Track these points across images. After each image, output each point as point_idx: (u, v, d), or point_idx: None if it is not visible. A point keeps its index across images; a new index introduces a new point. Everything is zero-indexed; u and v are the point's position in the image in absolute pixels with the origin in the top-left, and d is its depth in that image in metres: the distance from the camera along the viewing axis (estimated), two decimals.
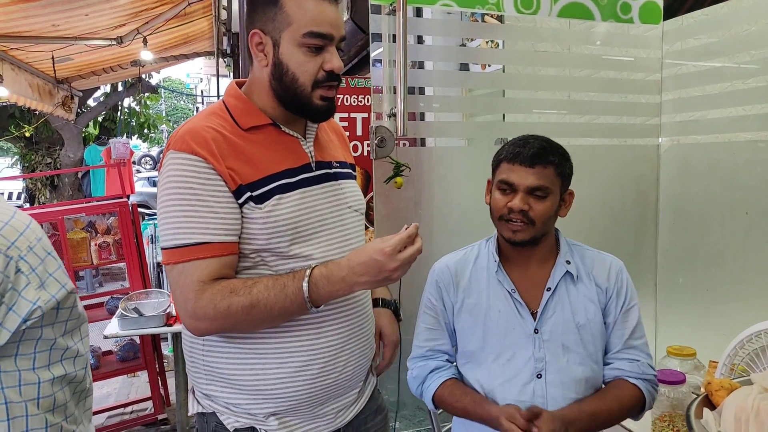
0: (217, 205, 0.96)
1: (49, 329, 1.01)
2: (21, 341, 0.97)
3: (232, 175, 0.97)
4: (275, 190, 1.00)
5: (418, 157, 1.94)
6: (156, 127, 10.09)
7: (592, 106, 2.11)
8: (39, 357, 0.99)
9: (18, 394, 0.96)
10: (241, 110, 1.04)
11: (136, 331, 2.52)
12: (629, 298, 1.26)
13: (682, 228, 2.00)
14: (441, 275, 1.31)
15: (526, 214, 1.17)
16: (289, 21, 0.98)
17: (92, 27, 4.29)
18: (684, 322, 1.99)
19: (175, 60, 6.38)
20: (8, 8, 3.43)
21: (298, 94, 1.01)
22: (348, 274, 0.95)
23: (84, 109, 8.00)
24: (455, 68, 2.51)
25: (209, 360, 1.05)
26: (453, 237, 2.01)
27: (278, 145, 1.05)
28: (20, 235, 0.96)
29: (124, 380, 3.78)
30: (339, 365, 1.06)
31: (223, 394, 1.06)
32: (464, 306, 1.27)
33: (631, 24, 2.05)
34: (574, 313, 1.21)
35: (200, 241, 0.95)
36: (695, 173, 1.97)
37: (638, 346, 1.25)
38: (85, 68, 5.49)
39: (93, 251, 3.11)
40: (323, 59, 1.00)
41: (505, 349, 1.21)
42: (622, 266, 1.28)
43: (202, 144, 0.97)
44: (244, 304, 0.94)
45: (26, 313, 0.95)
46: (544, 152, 1.18)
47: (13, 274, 0.94)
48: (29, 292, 0.95)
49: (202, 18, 5.03)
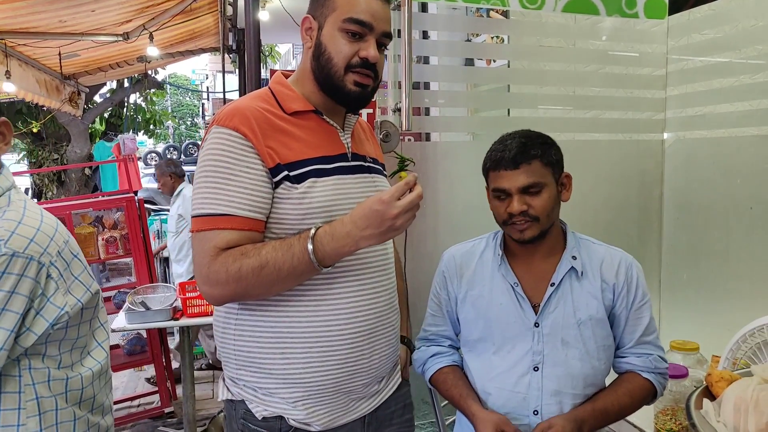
0: (248, 181, 0.99)
1: (74, 330, 1.03)
2: (48, 342, 0.99)
3: (271, 154, 1.01)
4: (311, 173, 1.03)
5: (423, 152, 1.95)
6: (162, 123, 10.11)
7: (597, 101, 2.11)
8: (63, 357, 1.02)
9: (48, 389, 0.99)
10: (286, 96, 1.09)
11: (143, 325, 2.55)
12: (641, 294, 1.24)
13: (687, 223, 2.00)
14: (447, 265, 1.34)
15: (526, 213, 1.17)
16: (335, 7, 1.05)
17: (99, 23, 4.30)
18: (687, 316, 1.99)
19: (180, 56, 6.39)
20: (15, 4, 3.44)
21: (332, 75, 1.05)
22: (352, 228, 0.96)
23: (90, 105, 8.03)
24: (460, 63, 2.51)
25: (240, 344, 1.07)
26: (457, 231, 2.02)
27: (318, 132, 1.08)
28: (51, 240, 0.97)
29: (132, 374, 3.82)
30: (366, 352, 1.08)
31: (252, 378, 1.08)
32: (467, 297, 1.28)
33: (637, 19, 2.05)
34: (575, 309, 1.21)
35: (223, 213, 0.97)
36: (700, 168, 1.97)
37: (651, 341, 1.25)
38: (91, 64, 5.51)
39: (100, 246, 3.14)
40: (360, 47, 1.05)
41: (505, 341, 1.22)
42: (633, 262, 1.26)
43: (244, 122, 1.00)
44: (254, 266, 0.96)
45: (54, 318, 0.97)
46: (525, 149, 1.18)
47: (44, 280, 0.95)
48: (57, 298, 0.97)
49: (208, 14, 5.03)
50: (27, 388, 0.96)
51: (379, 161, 1.23)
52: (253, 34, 4.04)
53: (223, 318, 1.11)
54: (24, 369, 0.96)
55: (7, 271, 0.90)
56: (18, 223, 0.94)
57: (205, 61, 19.50)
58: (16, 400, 0.95)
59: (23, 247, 0.92)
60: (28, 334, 0.95)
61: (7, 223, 0.93)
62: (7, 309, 0.90)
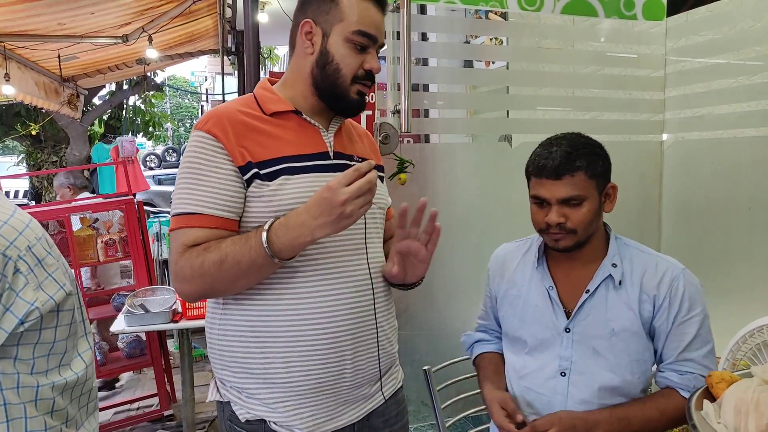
0: (217, 181, 1.01)
1: (49, 332, 0.99)
2: (20, 344, 0.95)
3: (243, 153, 1.02)
4: (283, 171, 1.03)
5: (422, 154, 1.95)
6: (161, 125, 10.11)
7: (596, 102, 2.11)
8: (38, 362, 0.98)
9: (17, 396, 0.95)
10: (267, 98, 1.10)
11: (142, 328, 2.54)
12: (687, 308, 1.16)
13: (686, 224, 2.00)
14: (493, 263, 1.37)
15: (563, 225, 1.15)
16: (342, 17, 1.05)
17: (98, 25, 4.30)
18: None
19: (180, 58, 6.40)
20: (14, 7, 3.45)
21: (338, 85, 1.07)
22: (306, 218, 0.96)
23: (89, 108, 8.03)
24: (459, 65, 2.51)
25: (224, 344, 1.08)
26: (457, 233, 2.02)
27: (297, 132, 1.09)
28: (19, 234, 0.94)
29: (131, 376, 3.81)
30: (348, 352, 1.06)
31: (234, 378, 1.08)
32: (506, 296, 1.30)
33: (635, 21, 2.05)
34: (609, 319, 1.17)
35: (192, 211, 1.01)
36: (698, 169, 1.97)
37: (695, 358, 1.16)
38: (90, 66, 5.52)
39: (99, 248, 3.13)
40: (364, 59, 1.06)
41: (538, 343, 1.23)
42: (681, 274, 1.17)
43: (217, 124, 1.03)
44: (214, 260, 0.97)
45: (23, 314, 0.93)
46: (569, 159, 1.14)
47: (12, 275, 0.92)
48: (27, 293, 0.93)
49: (207, 16, 5.04)
50: None
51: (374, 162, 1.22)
52: (252, 37, 4.05)
53: (210, 316, 1.12)
54: None
55: None
56: None
57: (205, 62, 19.52)
58: None
59: None
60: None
61: None
62: None
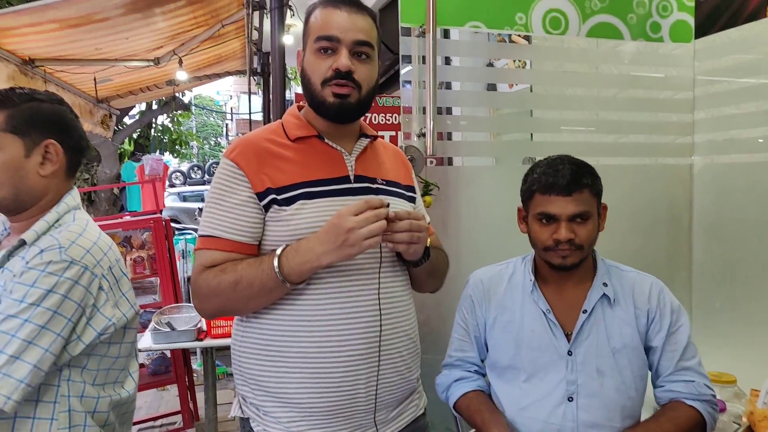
0: (234, 206, 1.06)
1: (115, 348, 1.08)
2: (91, 355, 1.03)
3: (263, 179, 1.06)
4: (301, 196, 1.05)
5: (447, 177, 1.96)
6: (187, 143, 10.36)
7: (621, 125, 2.10)
8: (100, 374, 1.06)
9: (80, 404, 1.02)
10: (293, 124, 1.14)
11: (168, 345, 2.58)
12: (675, 318, 1.20)
13: (717, 249, 1.96)
14: (474, 289, 1.32)
15: (572, 241, 1.16)
16: (309, 32, 1.11)
17: (132, 49, 4.46)
18: (722, 346, 1.93)
19: (207, 79, 6.57)
20: (56, 33, 3.61)
21: (313, 93, 1.10)
22: (315, 244, 0.98)
23: (120, 127, 8.28)
24: (483, 88, 2.52)
25: (243, 361, 1.10)
26: (481, 255, 2.01)
27: (319, 156, 1.11)
28: (104, 255, 1.06)
29: (155, 393, 3.85)
30: (362, 376, 1.06)
31: (252, 395, 1.10)
32: (497, 322, 1.26)
33: (661, 43, 2.04)
34: (609, 337, 1.18)
35: (210, 234, 1.06)
36: (730, 193, 1.93)
37: (692, 366, 1.20)
38: (123, 88, 5.70)
39: (128, 266, 3.20)
40: (332, 61, 1.07)
41: (537, 369, 1.20)
42: (663, 286, 1.24)
43: (242, 153, 1.08)
44: (230, 281, 1.01)
45: (102, 328, 1.02)
46: (578, 176, 1.17)
47: (96, 291, 1.02)
48: (107, 309, 1.03)
49: (235, 39, 5.18)
50: (62, 399, 0.99)
51: (401, 183, 1.21)
52: (278, 58, 4.14)
53: (234, 332, 1.15)
54: (63, 380, 0.99)
55: (64, 276, 0.96)
56: (78, 236, 1.02)
57: (230, 82, 19.98)
58: (50, 410, 0.98)
59: (80, 256, 0.99)
60: (77, 342, 0.99)
61: (69, 234, 1.02)
62: (58, 313, 0.95)
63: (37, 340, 0.92)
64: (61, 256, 0.97)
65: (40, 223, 1.03)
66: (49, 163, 1.06)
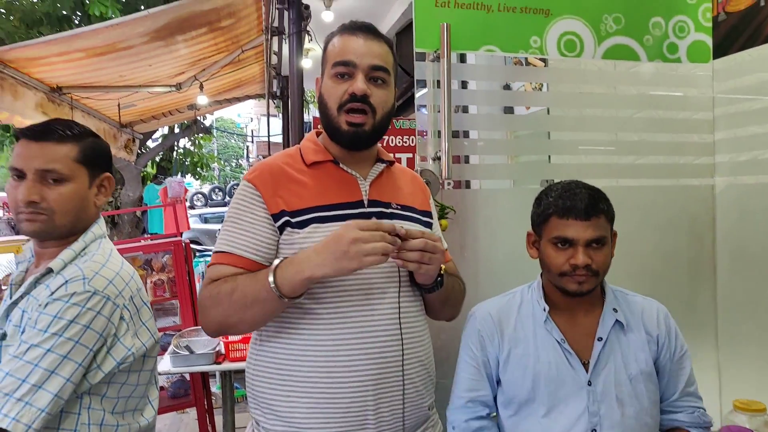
0: (250, 226, 1.08)
1: (135, 375, 1.09)
2: (110, 383, 1.05)
3: (278, 202, 1.08)
4: (314, 220, 1.07)
5: (463, 200, 1.95)
6: (208, 165, 10.54)
7: (640, 145, 2.07)
8: (120, 402, 1.07)
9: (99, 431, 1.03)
10: (310, 149, 1.17)
11: (186, 369, 2.59)
12: (681, 344, 1.23)
13: (743, 272, 1.90)
14: (483, 324, 1.26)
15: (589, 267, 1.15)
16: (327, 59, 1.14)
17: (155, 76, 4.60)
18: (750, 372, 1.86)
19: (227, 102, 6.72)
20: (83, 62, 3.74)
21: (330, 118, 1.12)
22: (311, 254, 0.98)
23: (143, 150, 8.48)
24: (499, 110, 2.53)
25: (256, 384, 1.11)
26: (498, 280, 1.98)
27: (334, 181, 1.13)
28: (126, 285, 1.10)
29: (174, 416, 3.86)
30: (370, 404, 1.04)
31: (264, 419, 1.10)
32: (511, 356, 1.22)
33: (679, 63, 2.02)
34: (626, 365, 1.17)
35: (224, 250, 1.08)
36: (754, 215, 1.88)
37: (693, 392, 1.24)
38: (146, 113, 5.86)
39: (149, 289, 3.24)
40: (348, 86, 1.10)
41: (557, 402, 1.17)
42: (667, 311, 1.26)
43: (260, 175, 1.12)
44: (227, 290, 1.02)
45: (121, 358, 1.05)
46: (595, 201, 1.16)
47: (118, 321, 1.05)
48: (127, 339, 1.06)
49: (254, 63, 5.29)
50: (82, 428, 1.00)
51: (418, 209, 1.21)
52: (296, 82, 4.21)
53: (248, 355, 1.15)
54: (84, 408, 1.01)
55: (86, 306, 0.99)
56: (102, 266, 1.06)
57: (251, 104, 20.34)
58: None
59: (103, 287, 1.03)
60: (97, 371, 1.01)
61: (93, 264, 1.05)
62: (80, 343, 0.97)
63: (59, 369, 0.94)
64: (84, 287, 0.99)
65: (67, 251, 1.07)
66: (104, 195, 1.15)
